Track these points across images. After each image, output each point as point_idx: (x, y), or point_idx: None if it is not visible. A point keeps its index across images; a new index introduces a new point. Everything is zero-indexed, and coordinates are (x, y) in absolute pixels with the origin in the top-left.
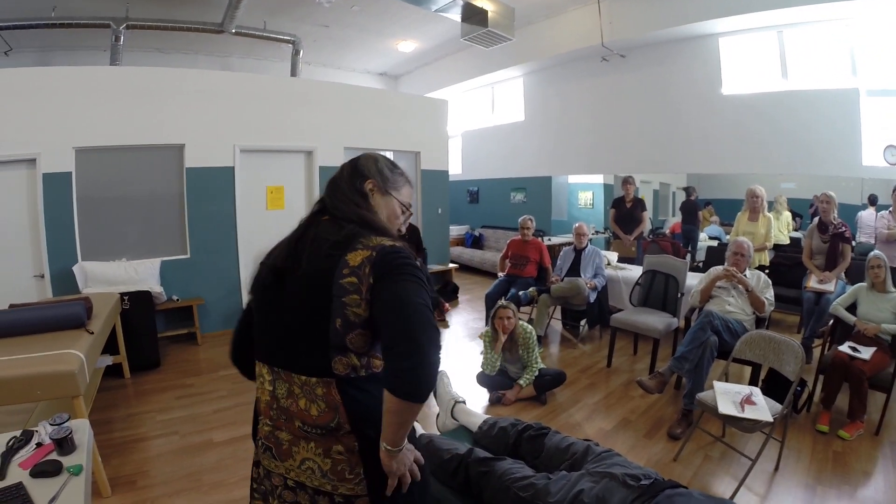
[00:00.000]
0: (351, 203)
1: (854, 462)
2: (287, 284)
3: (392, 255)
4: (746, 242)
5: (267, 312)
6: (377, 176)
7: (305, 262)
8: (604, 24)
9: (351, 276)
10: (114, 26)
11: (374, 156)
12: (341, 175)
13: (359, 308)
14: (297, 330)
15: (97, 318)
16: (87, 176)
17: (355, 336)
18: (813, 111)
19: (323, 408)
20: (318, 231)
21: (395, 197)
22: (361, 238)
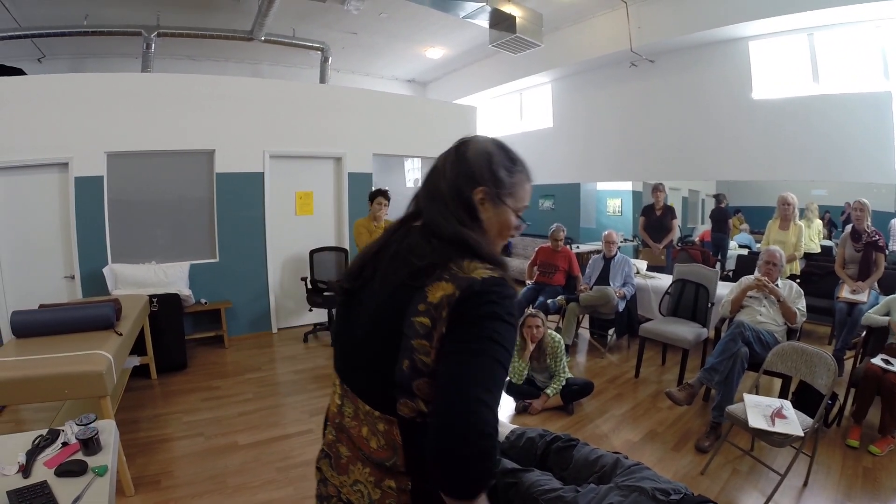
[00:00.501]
0: (451, 217)
1: (885, 479)
2: (363, 299)
3: (481, 296)
4: (779, 251)
5: (342, 323)
6: (490, 182)
7: (379, 284)
8: (632, 28)
9: (425, 315)
10: (145, 34)
11: (488, 149)
12: (443, 173)
13: (427, 357)
14: (364, 356)
15: (126, 319)
16: (119, 180)
17: (423, 384)
18: (845, 115)
19: (383, 444)
20: (402, 245)
21: (509, 206)
22: (451, 265)
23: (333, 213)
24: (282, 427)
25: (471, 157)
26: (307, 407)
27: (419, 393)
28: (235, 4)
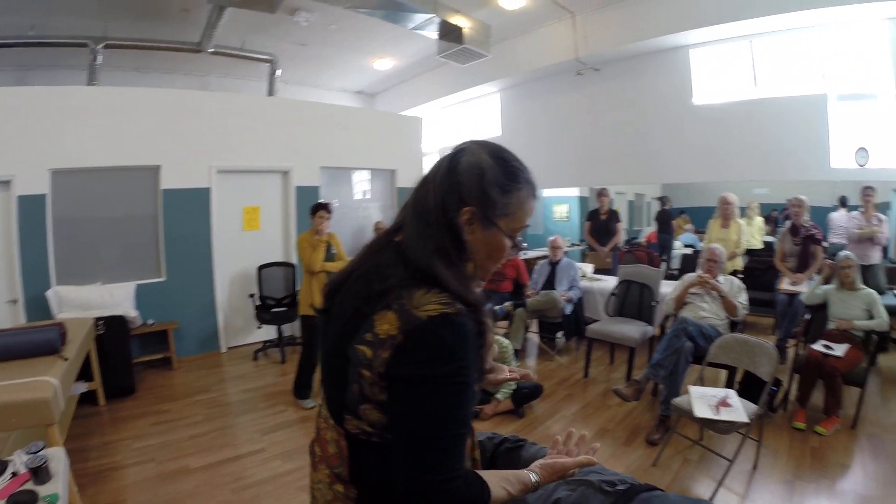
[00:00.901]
0: (430, 240)
1: (832, 456)
2: (334, 317)
3: (422, 345)
4: (719, 249)
5: (322, 338)
6: (479, 201)
7: (338, 306)
8: (578, 38)
9: (367, 346)
10: (92, 45)
11: (482, 162)
12: (433, 185)
13: (373, 387)
14: (327, 371)
15: (71, 343)
16: (63, 198)
17: (368, 409)
18: (783, 118)
19: (335, 451)
20: (371, 263)
21: (501, 228)
22: (404, 293)
23: (281, 227)
24: (234, 448)
25: (461, 171)
26: (259, 426)
27: (364, 417)
28: (184, 15)
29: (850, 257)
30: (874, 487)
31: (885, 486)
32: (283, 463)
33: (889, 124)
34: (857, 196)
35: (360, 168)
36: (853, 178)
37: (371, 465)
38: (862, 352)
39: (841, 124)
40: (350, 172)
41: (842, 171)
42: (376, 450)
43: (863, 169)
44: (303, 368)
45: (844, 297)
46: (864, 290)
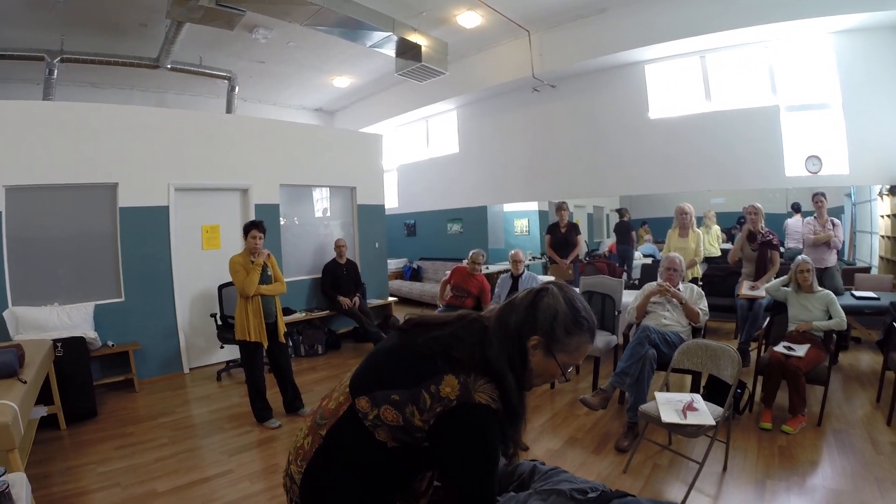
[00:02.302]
0: (503, 352)
1: (800, 454)
2: (404, 341)
3: (468, 416)
4: (678, 257)
5: (382, 345)
6: (547, 333)
7: (424, 338)
8: (534, 56)
9: (429, 395)
10: (48, 59)
11: (558, 307)
12: (517, 309)
13: (412, 418)
14: (379, 358)
15: (30, 366)
16: (18, 216)
17: (389, 412)
18: (737, 129)
19: (333, 408)
20: (460, 326)
21: (557, 360)
22: (472, 374)
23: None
24: (201, 470)
25: (541, 308)
26: (225, 447)
27: (380, 411)
28: (142, 30)
29: (807, 261)
30: (843, 482)
31: (853, 480)
32: (251, 484)
33: (838, 133)
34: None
35: (320, 185)
36: (807, 185)
37: (344, 435)
38: (823, 351)
39: (793, 134)
40: (310, 190)
41: (796, 178)
42: (358, 429)
43: (816, 176)
44: (253, 393)
45: (803, 299)
46: (822, 292)
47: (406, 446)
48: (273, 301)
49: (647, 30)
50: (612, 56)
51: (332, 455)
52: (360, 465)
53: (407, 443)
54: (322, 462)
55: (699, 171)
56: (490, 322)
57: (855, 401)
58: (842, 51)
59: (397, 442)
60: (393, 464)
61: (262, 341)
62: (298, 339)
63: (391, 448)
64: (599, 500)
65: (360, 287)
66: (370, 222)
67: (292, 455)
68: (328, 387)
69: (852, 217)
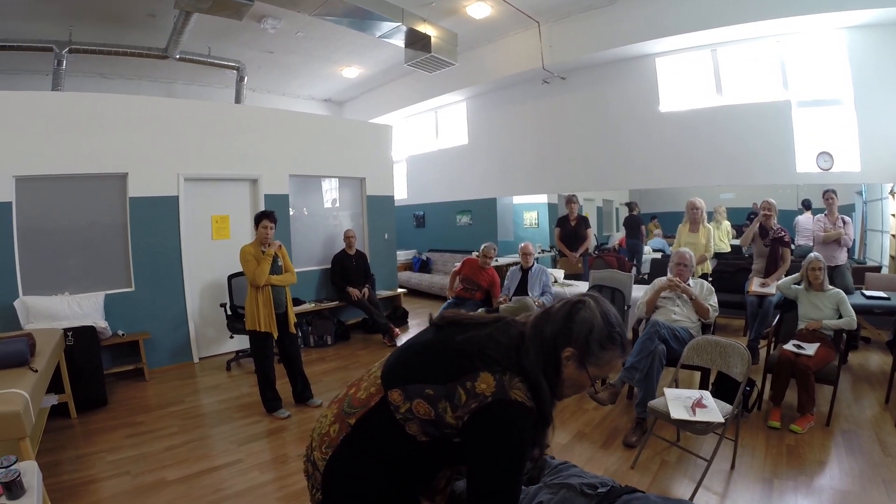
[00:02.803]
0: (538, 360)
1: (808, 453)
2: (440, 337)
3: (503, 412)
4: (688, 253)
5: (417, 339)
6: (581, 346)
7: (461, 337)
8: (544, 47)
9: (465, 391)
10: (57, 50)
11: (595, 321)
12: (553, 320)
13: (444, 413)
14: (415, 352)
15: (41, 355)
16: (28, 206)
17: (421, 406)
18: (748, 124)
19: (364, 397)
20: (497, 328)
21: (588, 372)
22: (508, 373)
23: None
24: (210, 459)
25: (577, 320)
26: (235, 437)
27: (412, 404)
28: (150, 21)
29: (819, 259)
30: (851, 483)
31: (861, 481)
32: (260, 474)
33: (850, 129)
34: (819, 199)
35: (330, 176)
36: (818, 181)
37: (373, 425)
38: (833, 350)
39: (804, 130)
40: (319, 180)
41: (807, 175)
42: (388, 421)
43: (827, 172)
44: (262, 383)
45: (813, 297)
46: (832, 291)
47: (435, 441)
48: (283, 291)
49: (657, 22)
50: (623, 48)
51: (359, 444)
52: (387, 456)
53: (436, 437)
54: (348, 450)
55: (709, 165)
56: (526, 328)
57: (864, 401)
58: (854, 46)
59: (427, 436)
60: (420, 457)
61: (273, 331)
62: (308, 330)
63: (420, 442)
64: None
65: (369, 278)
66: (379, 213)
67: (316, 441)
68: (337, 378)
69: (863, 215)
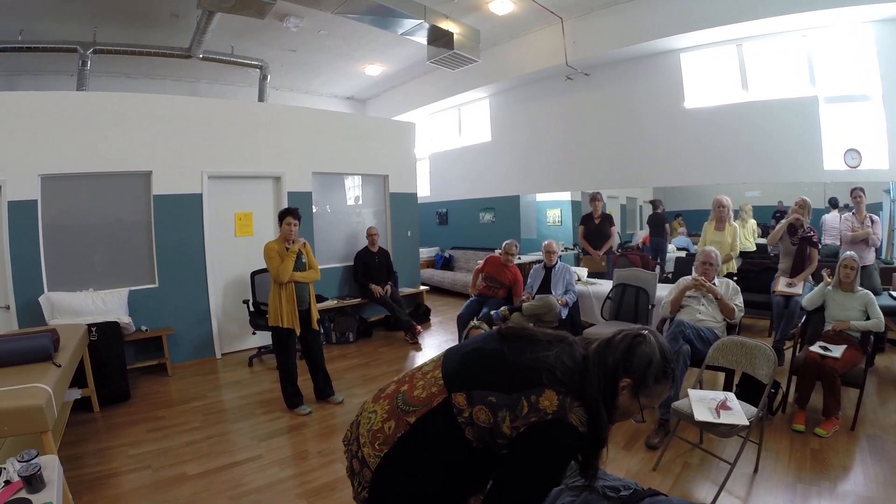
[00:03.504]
0: (598, 385)
1: (832, 458)
2: (506, 347)
3: (557, 429)
4: (714, 252)
5: (481, 343)
6: (638, 379)
7: (531, 354)
8: (567, 43)
9: (528, 404)
10: (81, 51)
11: (654, 356)
12: (615, 351)
13: (503, 422)
14: (482, 357)
15: (64, 350)
16: (54, 204)
17: (481, 413)
18: (774, 120)
19: (420, 395)
20: (563, 348)
21: (640, 402)
22: (570, 396)
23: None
24: (231, 454)
25: (637, 354)
26: (256, 432)
27: (474, 410)
28: (174, 21)
29: (855, 258)
30: (875, 489)
31: (885, 488)
32: (281, 469)
33: (878, 126)
34: (846, 197)
35: (352, 174)
36: (845, 179)
37: (434, 426)
38: (859, 353)
39: (832, 126)
40: (342, 178)
41: (834, 172)
42: (450, 423)
43: (854, 170)
44: (284, 380)
45: (841, 298)
46: (861, 292)
47: (488, 448)
48: (307, 288)
49: (682, 17)
50: (647, 44)
51: (418, 443)
52: (445, 458)
53: (489, 445)
54: (406, 449)
55: (735, 162)
56: (590, 354)
57: (890, 405)
58: (883, 40)
59: (481, 443)
60: (473, 462)
61: (295, 328)
62: (330, 327)
63: (475, 447)
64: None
65: (391, 275)
66: (402, 211)
67: (366, 438)
68: (359, 374)
69: (891, 214)
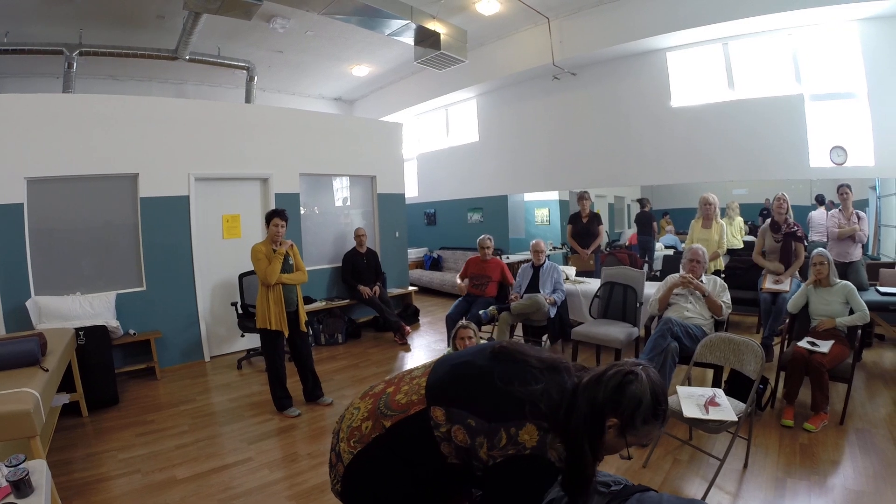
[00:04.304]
0: (584, 423)
1: (821, 452)
2: (494, 365)
3: (534, 463)
4: (701, 249)
5: (471, 357)
6: (626, 420)
7: (519, 384)
8: (554, 43)
9: (507, 436)
10: (67, 53)
11: (644, 398)
12: (605, 387)
13: (479, 448)
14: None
15: (52, 354)
16: (40, 207)
17: (459, 432)
18: (760, 118)
19: (402, 402)
20: (551, 382)
21: (626, 440)
22: (552, 432)
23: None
24: (220, 457)
25: (627, 394)
26: (245, 435)
27: (452, 436)
28: (160, 22)
29: (822, 253)
30: (865, 482)
31: (875, 481)
32: (270, 472)
33: (864, 123)
34: (832, 194)
35: (340, 174)
36: (831, 176)
37: (408, 434)
38: (847, 347)
39: (818, 124)
40: (330, 179)
41: (820, 169)
42: (425, 434)
43: (840, 167)
44: (273, 382)
45: (822, 293)
46: (840, 284)
47: (464, 464)
48: (294, 290)
49: (668, 16)
50: (634, 43)
51: (390, 447)
52: (416, 464)
53: (465, 462)
54: (379, 450)
55: (722, 160)
56: (579, 389)
57: (878, 399)
58: (867, 39)
59: (458, 459)
60: (445, 474)
61: (283, 330)
62: (319, 328)
63: (450, 462)
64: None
65: (380, 276)
66: (390, 211)
67: (344, 434)
68: (348, 376)
69: (877, 210)
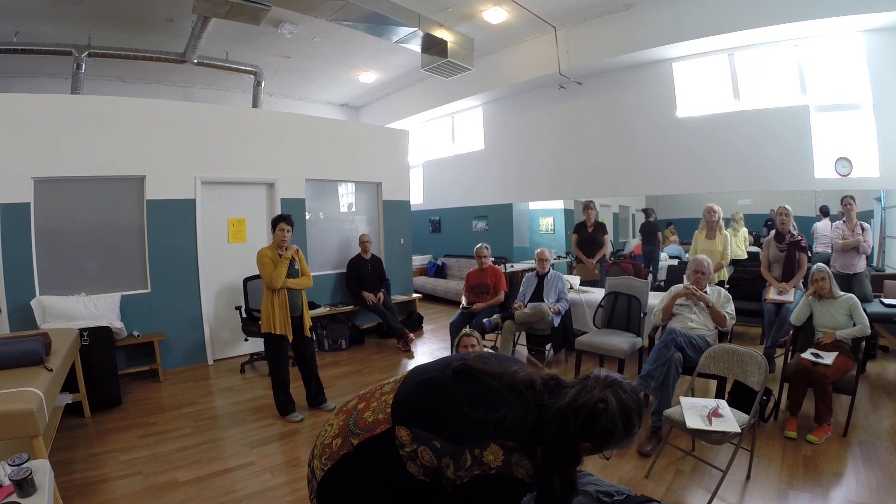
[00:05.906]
0: (557, 445)
1: (825, 464)
2: (461, 386)
3: (500, 483)
4: (706, 260)
5: (438, 375)
6: (598, 443)
7: (483, 407)
8: (561, 52)
9: (471, 457)
10: (76, 54)
11: (617, 423)
12: (576, 415)
13: (447, 468)
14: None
15: (56, 354)
16: (47, 207)
17: (425, 454)
18: (765, 129)
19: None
20: (518, 403)
21: (603, 456)
22: (517, 451)
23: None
24: (222, 461)
25: (599, 424)
26: (247, 439)
27: (418, 456)
28: (169, 25)
29: (821, 269)
30: (867, 495)
31: (878, 493)
32: (272, 476)
33: (869, 134)
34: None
35: (346, 181)
36: (836, 187)
37: (376, 453)
38: (851, 359)
39: (823, 135)
40: (336, 185)
41: (825, 180)
42: (391, 453)
43: (845, 178)
44: (276, 386)
45: (825, 305)
46: (844, 296)
47: (432, 481)
48: (299, 295)
49: (674, 27)
50: (640, 53)
51: (358, 465)
52: (383, 482)
53: (434, 480)
54: (347, 467)
55: (727, 171)
56: (548, 411)
57: (882, 411)
58: (873, 50)
59: (426, 477)
60: (414, 490)
61: (288, 334)
62: (322, 334)
63: (417, 479)
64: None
65: (384, 283)
66: (395, 218)
67: (318, 450)
68: (351, 381)
69: (882, 221)
